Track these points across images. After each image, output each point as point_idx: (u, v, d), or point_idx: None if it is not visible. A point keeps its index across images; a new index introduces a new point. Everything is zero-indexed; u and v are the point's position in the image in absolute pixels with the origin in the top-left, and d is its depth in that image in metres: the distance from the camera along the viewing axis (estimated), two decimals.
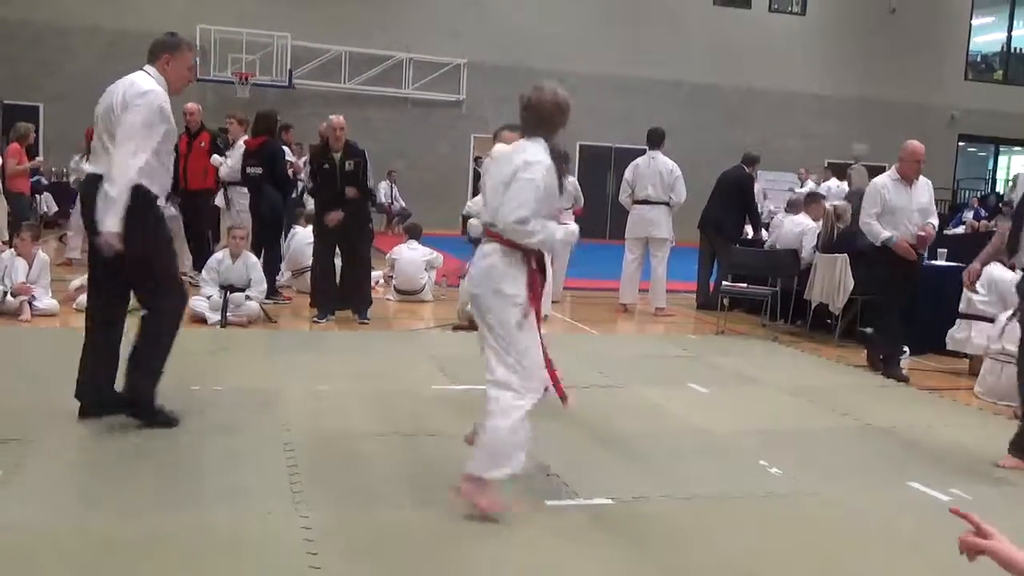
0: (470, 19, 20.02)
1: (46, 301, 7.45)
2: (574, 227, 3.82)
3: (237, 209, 9.17)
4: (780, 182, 21.04)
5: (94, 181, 4.44)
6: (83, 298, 7.72)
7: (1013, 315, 6.24)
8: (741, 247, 9.50)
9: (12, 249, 7.68)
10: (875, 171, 24.28)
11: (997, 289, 6.88)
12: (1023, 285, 4.90)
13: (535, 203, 3.54)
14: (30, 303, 7.25)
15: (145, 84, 4.52)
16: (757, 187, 12.65)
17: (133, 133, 4.36)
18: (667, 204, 9.52)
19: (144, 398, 4.53)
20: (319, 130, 9.96)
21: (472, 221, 5.30)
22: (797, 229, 8.87)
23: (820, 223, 8.79)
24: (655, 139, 9.61)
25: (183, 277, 9.73)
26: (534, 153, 3.64)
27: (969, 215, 19.76)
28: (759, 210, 11.76)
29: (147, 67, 4.65)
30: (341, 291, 8.03)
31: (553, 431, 4.86)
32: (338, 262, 8.06)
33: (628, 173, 9.71)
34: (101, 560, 3.05)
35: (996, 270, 7.05)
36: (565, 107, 3.73)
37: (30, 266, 7.49)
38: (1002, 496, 4.31)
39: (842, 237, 8.06)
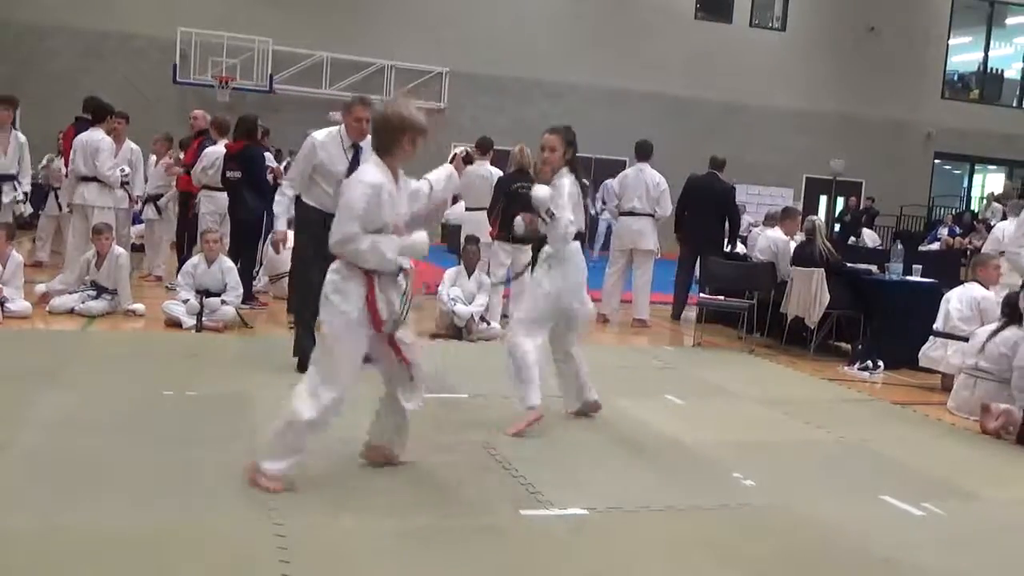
0: (453, 28, 20.03)
1: (19, 303, 7.34)
2: (419, 237, 3.87)
3: (205, 213, 9.12)
4: (764, 195, 21.24)
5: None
6: (57, 301, 7.68)
7: (995, 332, 6.29)
8: (719, 259, 9.55)
9: None
10: (851, 187, 24.30)
11: (977, 307, 6.94)
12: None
13: (354, 223, 3.66)
14: (1, 304, 7.15)
15: (315, 132, 6.12)
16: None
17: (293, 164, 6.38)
18: (652, 216, 9.56)
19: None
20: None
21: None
22: (769, 243, 8.89)
23: (793, 238, 8.85)
24: (643, 152, 9.65)
25: (155, 280, 9.76)
26: (361, 172, 3.78)
27: (944, 232, 19.97)
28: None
29: None
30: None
31: (529, 441, 4.86)
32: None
33: (616, 184, 9.74)
34: (70, 565, 3.01)
35: (976, 290, 7.11)
36: (395, 125, 3.77)
37: (3, 267, 7.38)
38: (973, 511, 4.35)
39: (821, 254, 8.08)
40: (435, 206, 4.11)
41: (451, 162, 4.29)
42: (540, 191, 4.98)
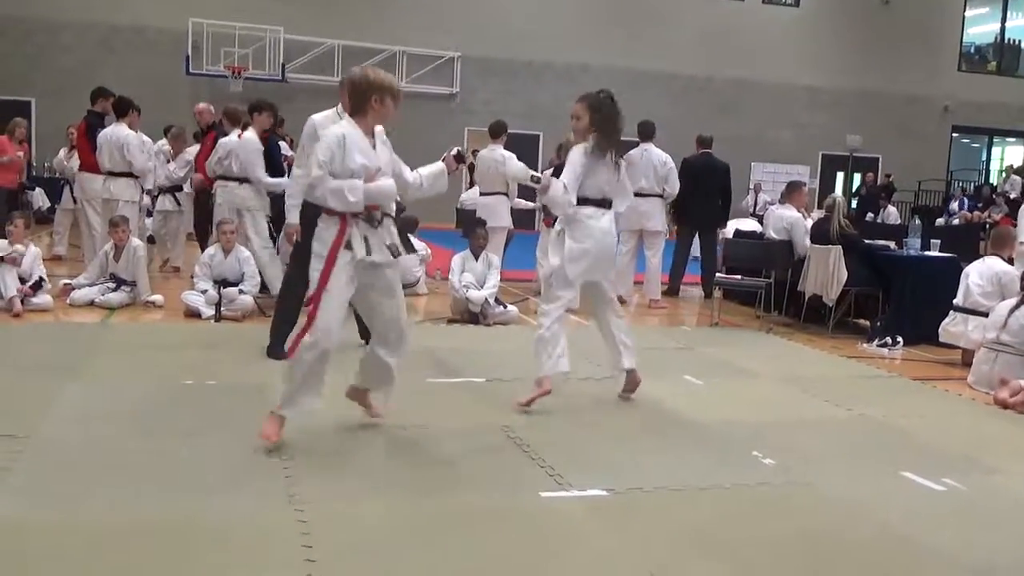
0: (463, 12, 19.98)
1: (40, 296, 7.41)
2: (384, 182, 4.08)
3: (221, 203, 9.15)
4: (779, 173, 21.11)
5: None
6: (77, 293, 7.73)
7: (1017, 306, 6.24)
8: (736, 239, 9.52)
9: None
10: (868, 162, 24.21)
11: (998, 282, 6.89)
12: None
13: (319, 168, 3.95)
14: (22, 300, 7.20)
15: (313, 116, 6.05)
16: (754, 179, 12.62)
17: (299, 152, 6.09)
18: (660, 196, 9.53)
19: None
20: None
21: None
22: (783, 221, 8.83)
23: (810, 214, 8.80)
24: (647, 131, 9.61)
25: (173, 271, 9.83)
26: (332, 127, 4.14)
27: (955, 205, 19.83)
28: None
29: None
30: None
31: (547, 423, 4.87)
32: None
33: (622, 165, 9.70)
34: (94, 555, 3.05)
35: (997, 264, 7.05)
36: (362, 87, 4.08)
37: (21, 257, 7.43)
38: (994, 485, 4.33)
39: (835, 232, 8.02)
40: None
41: (443, 160, 4.49)
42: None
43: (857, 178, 22.18)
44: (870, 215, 18.91)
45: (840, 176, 23.04)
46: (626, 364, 5.40)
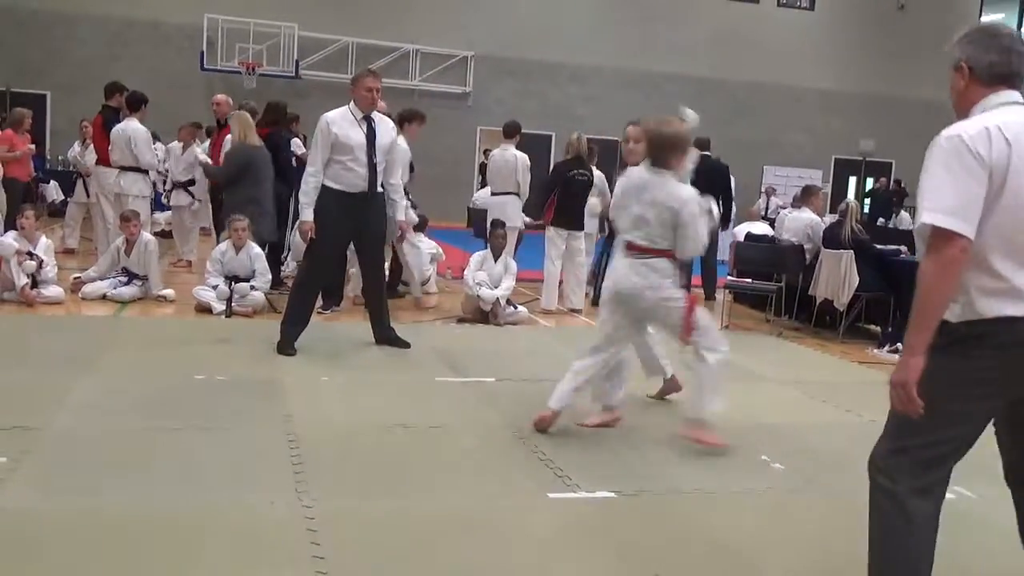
0: (477, 11, 19.99)
1: (52, 288, 7.45)
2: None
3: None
4: (792, 177, 21.04)
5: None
6: (89, 287, 7.77)
7: None
8: (747, 242, 9.50)
9: (16, 231, 7.61)
10: (882, 167, 24.09)
11: None
12: None
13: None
14: (34, 284, 7.24)
15: (325, 113, 6.12)
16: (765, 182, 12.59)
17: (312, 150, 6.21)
18: None
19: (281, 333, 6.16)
20: None
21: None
22: (803, 224, 8.81)
23: (823, 218, 8.78)
24: None
25: (186, 265, 9.88)
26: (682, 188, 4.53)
27: None
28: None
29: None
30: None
31: (556, 424, 4.87)
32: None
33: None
34: (105, 546, 3.07)
35: None
36: (667, 142, 4.53)
37: (33, 248, 7.46)
38: (1004, 494, 4.30)
39: (848, 236, 7.99)
40: None
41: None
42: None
43: (870, 183, 22.10)
44: (882, 220, 18.83)
45: (853, 180, 22.95)
46: (668, 372, 5.49)
